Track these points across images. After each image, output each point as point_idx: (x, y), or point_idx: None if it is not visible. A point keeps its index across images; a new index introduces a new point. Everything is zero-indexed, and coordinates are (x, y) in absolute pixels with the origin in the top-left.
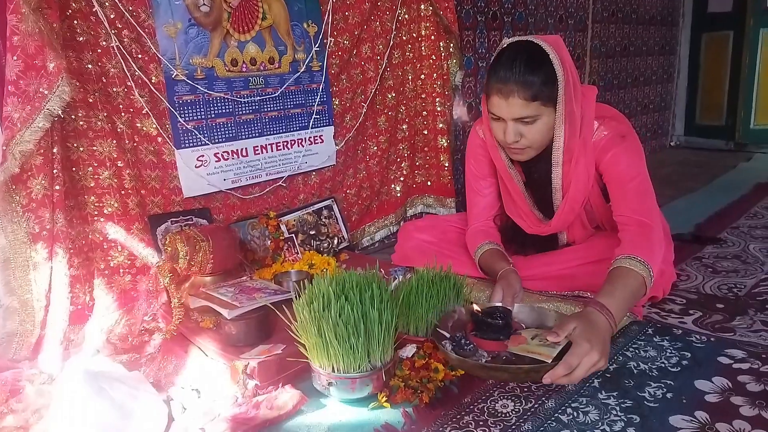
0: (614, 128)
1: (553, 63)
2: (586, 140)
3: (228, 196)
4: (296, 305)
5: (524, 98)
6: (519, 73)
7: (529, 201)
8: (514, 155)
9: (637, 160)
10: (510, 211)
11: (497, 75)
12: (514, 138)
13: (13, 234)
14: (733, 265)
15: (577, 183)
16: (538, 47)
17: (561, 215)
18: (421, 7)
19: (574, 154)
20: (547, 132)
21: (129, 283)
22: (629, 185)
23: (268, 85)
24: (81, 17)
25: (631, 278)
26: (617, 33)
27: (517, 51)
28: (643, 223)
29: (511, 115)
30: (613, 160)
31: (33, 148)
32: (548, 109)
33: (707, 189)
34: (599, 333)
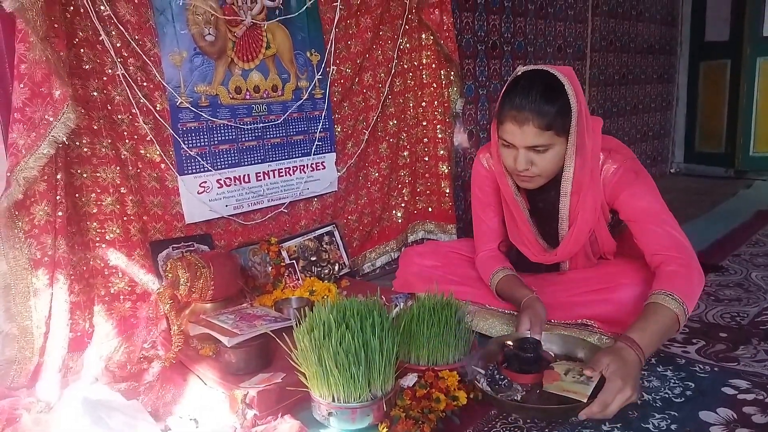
0: (622, 162)
1: (568, 94)
2: (593, 172)
3: (230, 222)
4: (297, 333)
5: (539, 127)
6: (535, 101)
7: (534, 229)
8: (523, 183)
9: (656, 196)
10: (514, 239)
11: (512, 102)
12: (524, 166)
13: (14, 260)
14: (735, 294)
15: (585, 214)
16: (553, 77)
17: (567, 245)
18: (422, 36)
19: (583, 186)
20: (558, 161)
21: (129, 309)
22: (651, 222)
23: (271, 112)
24: (87, 46)
25: (664, 315)
26: (615, 62)
27: (533, 79)
28: (681, 261)
29: (525, 143)
30: (632, 199)
31: (37, 175)
32: (561, 139)
33: (708, 216)
34: (631, 369)
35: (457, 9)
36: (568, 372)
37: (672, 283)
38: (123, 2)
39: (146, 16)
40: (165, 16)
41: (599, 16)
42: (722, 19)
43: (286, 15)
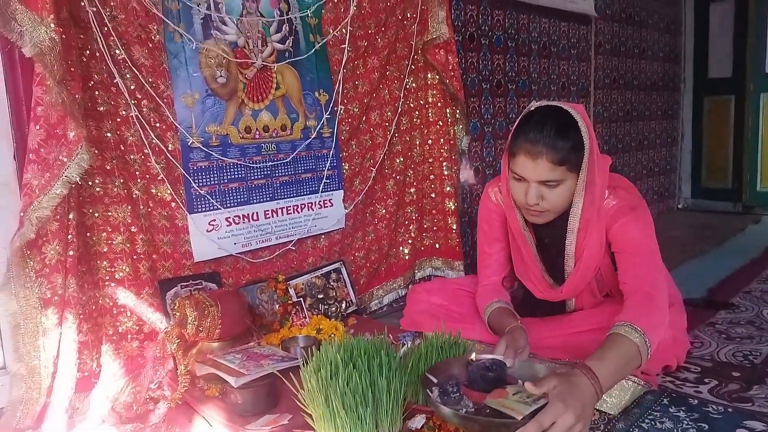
0: (624, 198)
1: (581, 130)
2: (599, 209)
3: (238, 259)
4: (304, 373)
5: (552, 161)
6: (549, 136)
7: (540, 265)
8: (532, 217)
9: (646, 231)
10: (520, 274)
11: (526, 136)
12: (535, 200)
13: (25, 299)
14: (747, 331)
15: (591, 251)
16: (567, 113)
17: (572, 282)
18: (428, 75)
19: (590, 223)
20: (568, 197)
21: (136, 349)
22: (636, 255)
23: (280, 151)
24: (102, 88)
25: (625, 346)
26: (619, 99)
27: (548, 115)
28: (646, 293)
29: (537, 177)
30: (621, 229)
31: (50, 214)
32: (572, 175)
33: (717, 252)
34: (579, 396)
35: (462, 49)
36: (517, 393)
37: (635, 315)
38: (138, 46)
39: (160, 59)
40: (178, 59)
41: (602, 55)
42: (725, 55)
43: (296, 57)
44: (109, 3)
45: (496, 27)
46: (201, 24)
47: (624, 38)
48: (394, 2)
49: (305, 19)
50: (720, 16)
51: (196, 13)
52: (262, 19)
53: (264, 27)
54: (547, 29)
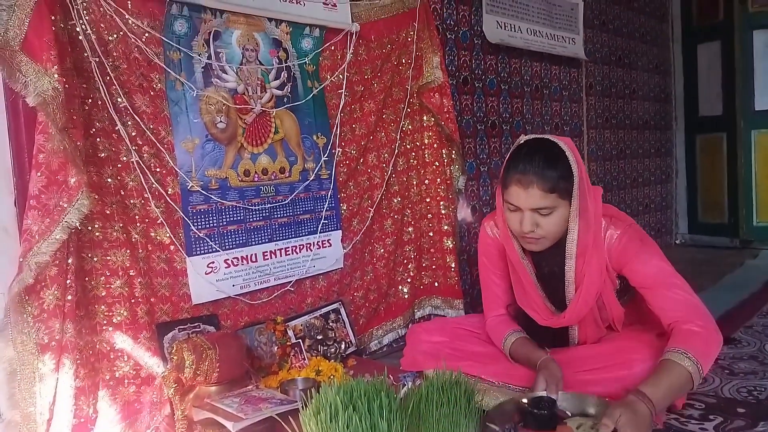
0: (626, 229)
1: (569, 159)
2: (596, 235)
3: (236, 301)
4: (303, 416)
5: (543, 189)
6: (539, 166)
7: (541, 293)
8: (528, 245)
9: (664, 260)
10: (522, 303)
11: (517, 167)
12: (530, 228)
13: (22, 345)
14: (750, 367)
15: (591, 277)
16: (554, 144)
17: (575, 308)
18: (424, 118)
19: (587, 248)
20: (562, 224)
21: (133, 394)
22: (669, 287)
23: (278, 193)
24: (104, 135)
25: (678, 373)
26: (612, 138)
27: (537, 147)
28: (697, 322)
29: (530, 205)
30: (642, 266)
31: (49, 260)
32: (564, 202)
33: (717, 287)
34: (642, 422)
35: (457, 92)
36: (580, 426)
37: (687, 341)
38: (139, 94)
39: (161, 106)
40: (179, 106)
41: (593, 96)
42: (714, 94)
43: (294, 102)
44: (112, 53)
45: (489, 71)
46: (202, 72)
47: (614, 79)
48: (390, 49)
49: (303, 66)
50: (708, 57)
51: (197, 63)
52: (261, 66)
53: (263, 74)
54: (538, 72)
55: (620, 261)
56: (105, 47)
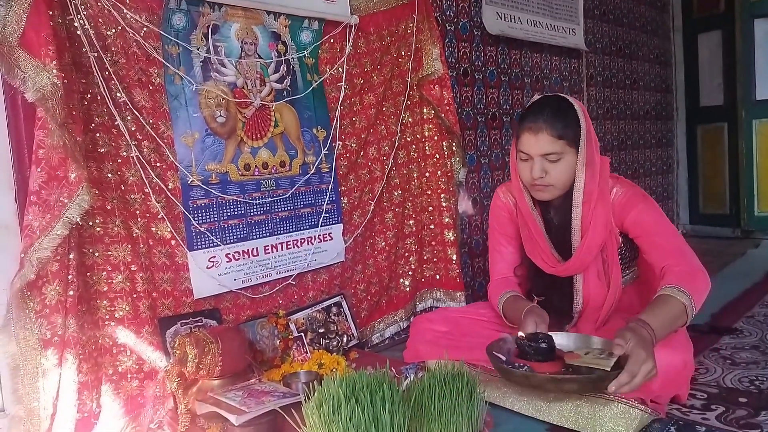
0: (630, 188)
1: (577, 112)
2: (603, 190)
3: (238, 296)
4: (306, 409)
5: (552, 135)
6: (548, 115)
7: (549, 241)
8: (538, 193)
9: (663, 216)
10: (530, 253)
11: (529, 117)
12: (539, 173)
13: (24, 341)
14: (752, 356)
15: (596, 225)
16: (564, 99)
17: (579, 255)
18: (424, 110)
19: (593, 197)
20: (570, 173)
21: (136, 388)
22: (660, 235)
23: (279, 187)
24: (103, 130)
25: (672, 304)
26: (613, 128)
27: (548, 100)
28: (682, 263)
29: (540, 151)
30: (641, 215)
31: (50, 255)
32: (571, 150)
33: (718, 277)
34: (648, 345)
35: (457, 84)
36: (588, 353)
37: (681, 279)
38: (138, 89)
39: (160, 101)
40: (179, 100)
41: (594, 87)
42: (715, 84)
43: (294, 96)
44: (111, 48)
45: (489, 62)
46: (201, 66)
47: (615, 70)
48: (389, 41)
49: (302, 59)
50: (708, 47)
51: (195, 57)
52: (260, 60)
53: (262, 68)
54: (539, 63)
55: (623, 213)
56: (103, 42)
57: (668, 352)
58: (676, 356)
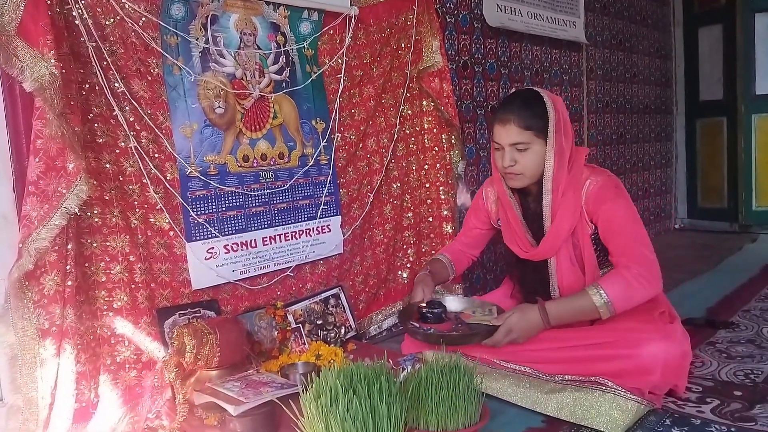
0: (606, 180)
1: (546, 104)
2: (575, 177)
3: (236, 287)
4: (303, 400)
5: (519, 126)
6: (517, 107)
7: (524, 227)
8: (510, 181)
9: (629, 210)
10: (507, 239)
11: (500, 109)
12: (509, 162)
13: (23, 330)
14: (747, 350)
15: (564, 211)
16: (534, 92)
17: (548, 239)
18: (423, 103)
19: (561, 185)
20: (539, 163)
21: (134, 378)
22: (621, 234)
23: (277, 178)
24: (102, 121)
25: (585, 301)
26: (613, 122)
27: (518, 93)
28: (632, 270)
29: (508, 140)
30: (609, 213)
31: (48, 245)
32: (539, 141)
33: (715, 271)
34: (529, 325)
35: (456, 77)
36: (475, 311)
37: (611, 281)
38: (137, 79)
39: (159, 92)
40: (177, 91)
41: (594, 80)
42: (715, 79)
43: (293, 87)
44: (109, 38)
45: (489, 55)
46: (199, 57)
47: (615, 63)
48: (389, 33)
49: (301, 50)
50: (709, 41)
51: (194, 47)
52: (259, 51)
53: (261, 59)
54: (539, 56)
55: (595, 205)
56: (102, 32)
57: (669, 343)
58: (675, 347)
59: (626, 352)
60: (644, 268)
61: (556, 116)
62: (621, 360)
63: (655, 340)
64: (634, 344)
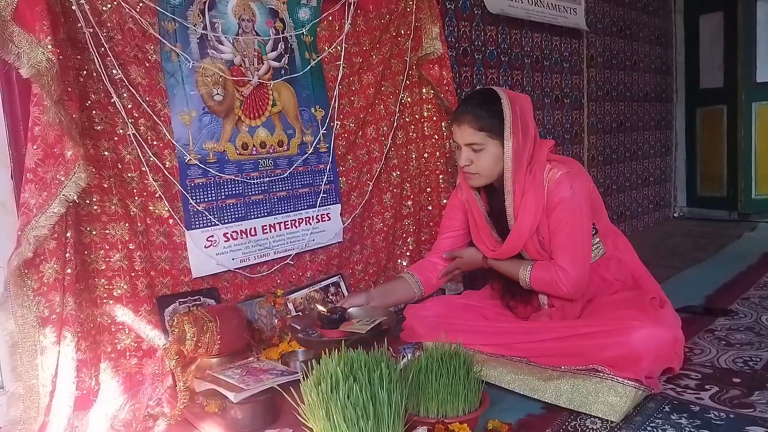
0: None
1: (503, 104)
2: (536, 176)
3: (236, 275)
4: (304, 387)
5: (473, 127)
6: (471, 106)
7: (490, 225)
8: (469, 180)
9: (579, 214)
10: (475, 239)
11: (457, 109)
12: (464, 162)
13: (22, 318)
14: (746, 338)
15: (525, 212)
16: (492, 92)
17: (511, 239)
18: (423, 90)
19: (522, 186)
20: (495, 163)
21: (135, 366)
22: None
23: (277, 166)
24: (99, 107)
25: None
26: (613, 110)
27: (475, 93)
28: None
29: (463, 141)
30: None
31: (47, 233)
32: (494, 142)
33: (715, 259)
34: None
35: (456, 64)
36: (359, 321)
37: (540, 270)
38: (135, 66)
39: (157, 78)
40: (175, 78)
41: (594, 68)
42: (715, 66)
43: (292, 74)
44: (106, 24)
45: (489, 42)
46: (197, 43)
47: (616, 51)
48: (388, 20)
49: (300, 37)
50: (710, 28)
51: (192, 33)
52: (257, 37)
53: (260, 45)
54: (539, 43)
55: (551, 201)
56: (99, 18)
57: (659, 329)
58: (665, 332)
59: (617, 340)
60: (570, 278)
61: (513, 118)
62: (613, 348)
63: (645, 326)
64: (624, 331)
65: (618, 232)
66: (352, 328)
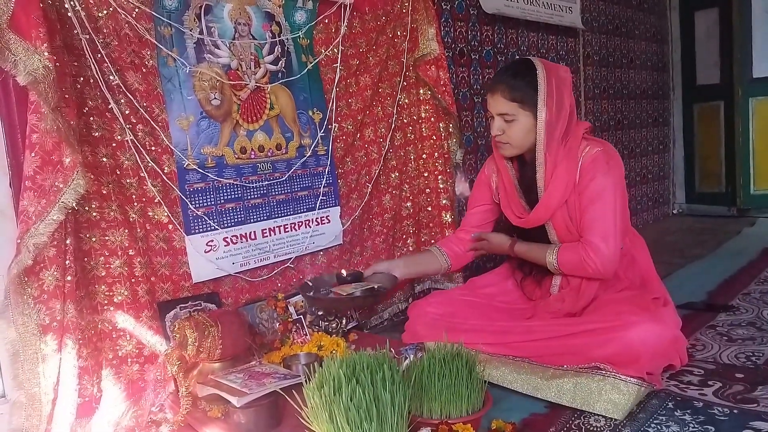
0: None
1: (537, 75)
2: (571, 150)
3: (236, 279)
4: (306, 390)
5: (505, 97)
6: (506, 76)
7: (519, 193)
8: (500, 149)
9: (612, 193)
10: (503, 206)
11: (493, 77)
12: (496, 131)
13: (23, 326)
14: (748, 333)
15: (555, 183)
16: (528, 62)
17: (539, 207)
18: (420, 91)
19: (554, 158)
20: (526, 134)
21: (137, 372)
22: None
23: (275, 170)
24: (97, 114)
25: (542, 254)
26: (610, 108)
27: (511, 64)
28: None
29: (495, 110)
30: (591, 189)
31: (47, 241)
32: (526, 113)
33: (715, 255)
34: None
35: (453, 64)
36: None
37: (568, 252)
38: (131, 72)
39: (154, 84)
40: (172, 83)
41: (591, 66)
42: (712, 62)
43: (289, 77)
44: (102, 30)
45: (485, 42)
46: (194, 48)
47: (612, 49)
48: (384, 21)
49: (297, 40)
50: (705, 24)
51: (188, 38)
52: (254, 41)
53: (256, 49)
54: (535, 42)
55: (584, 178)
56: (95, 24)
57: (658, 326)
58: (664, 330)
59: (615, 335)
60: (602, 254)
61: (548, 89)
62: (612, 343)
63: (643, 321)
64: (622, 327)
65: (636, 233)
66: (345, 290)
